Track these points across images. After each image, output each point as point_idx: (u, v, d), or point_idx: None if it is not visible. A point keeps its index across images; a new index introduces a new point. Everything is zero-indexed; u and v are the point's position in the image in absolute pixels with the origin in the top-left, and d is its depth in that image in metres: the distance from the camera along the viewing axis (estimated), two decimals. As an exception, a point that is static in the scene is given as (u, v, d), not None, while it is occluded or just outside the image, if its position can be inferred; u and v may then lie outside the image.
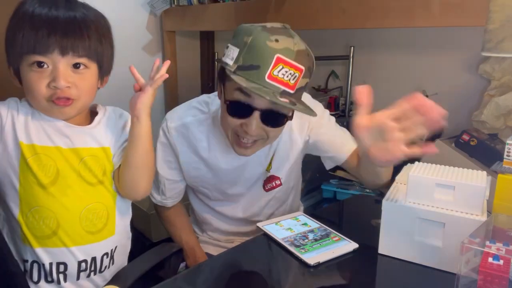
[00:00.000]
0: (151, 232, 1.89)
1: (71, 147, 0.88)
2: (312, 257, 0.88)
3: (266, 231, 1.00)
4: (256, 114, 0.92)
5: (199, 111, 1.11)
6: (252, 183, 1.16)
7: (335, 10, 1.42)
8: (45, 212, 0.85)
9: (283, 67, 0.87)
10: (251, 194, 1.17)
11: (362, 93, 0.76)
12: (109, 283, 0.94)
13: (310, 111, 0.94)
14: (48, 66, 0.81)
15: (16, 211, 0.86)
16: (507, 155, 0.82)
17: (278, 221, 1.05)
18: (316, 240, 0.96)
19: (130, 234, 1.00)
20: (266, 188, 1.17)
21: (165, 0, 2.23)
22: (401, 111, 0.73)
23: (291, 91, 0.90)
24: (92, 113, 0.97)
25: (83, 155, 0.89)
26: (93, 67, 0.87)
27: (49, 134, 0.87)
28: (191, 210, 1.29)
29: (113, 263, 0.95)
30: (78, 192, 0.88)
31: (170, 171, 1.13)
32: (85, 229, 0.89)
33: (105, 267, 0.93)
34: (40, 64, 0.80)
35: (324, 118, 1.12)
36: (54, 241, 0.87)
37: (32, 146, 0.85)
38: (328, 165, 1.18)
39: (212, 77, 2.50)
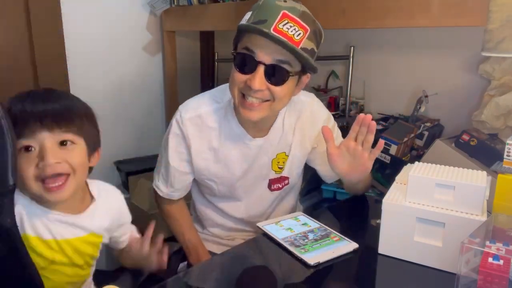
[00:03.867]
0: (151, 232, 1.88)
1: (66, 238, 0.87)
2: (312, 257, 0.88)
3: (266, 231, 1.00)
4: (261, 69, 0.96)
5: (213, 101, 1.13)
6: (260, 179, 1.17)
7: (335, 10, 1.42)
8: None
9: (288, 22, 0.94)
10: (255, 193, 1.18)
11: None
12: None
13: (314, 66, 0.99)
14: (35, 149, 0.79)
15: None
16: (507, 155, 0.82)
17: (278, 221, 1.06)
18: (316, 240, 0.96)
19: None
20: (272, 188, 1.18)
21: (165, 0, 2.22)
22: (354, 132, 1.00)
23: (295, 47, 0.94)
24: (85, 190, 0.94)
25: (78, 244, 0.89)
26: (80, 143, 0.84)
27: (47, 224, 0.85)
28: (193, 208, 1.30)
29: None
30: (67, 274, 0.89)
31: (181, 163, 1.13)
32: None
33: None
34: (27, 149, 0.79)
35: (334, 131, 1.16)
36: None
37: (35, 238, 0.83)
38: (329, 178, 1.25)
39: (212, 77, 2.49)
